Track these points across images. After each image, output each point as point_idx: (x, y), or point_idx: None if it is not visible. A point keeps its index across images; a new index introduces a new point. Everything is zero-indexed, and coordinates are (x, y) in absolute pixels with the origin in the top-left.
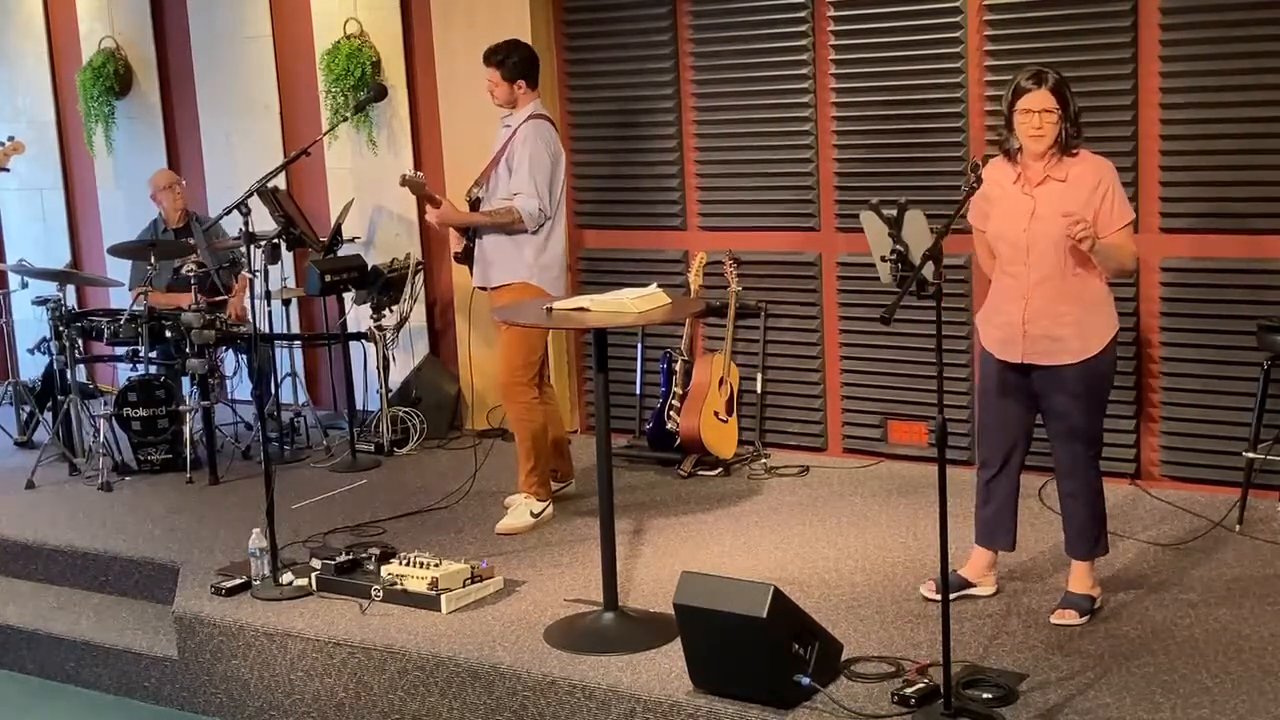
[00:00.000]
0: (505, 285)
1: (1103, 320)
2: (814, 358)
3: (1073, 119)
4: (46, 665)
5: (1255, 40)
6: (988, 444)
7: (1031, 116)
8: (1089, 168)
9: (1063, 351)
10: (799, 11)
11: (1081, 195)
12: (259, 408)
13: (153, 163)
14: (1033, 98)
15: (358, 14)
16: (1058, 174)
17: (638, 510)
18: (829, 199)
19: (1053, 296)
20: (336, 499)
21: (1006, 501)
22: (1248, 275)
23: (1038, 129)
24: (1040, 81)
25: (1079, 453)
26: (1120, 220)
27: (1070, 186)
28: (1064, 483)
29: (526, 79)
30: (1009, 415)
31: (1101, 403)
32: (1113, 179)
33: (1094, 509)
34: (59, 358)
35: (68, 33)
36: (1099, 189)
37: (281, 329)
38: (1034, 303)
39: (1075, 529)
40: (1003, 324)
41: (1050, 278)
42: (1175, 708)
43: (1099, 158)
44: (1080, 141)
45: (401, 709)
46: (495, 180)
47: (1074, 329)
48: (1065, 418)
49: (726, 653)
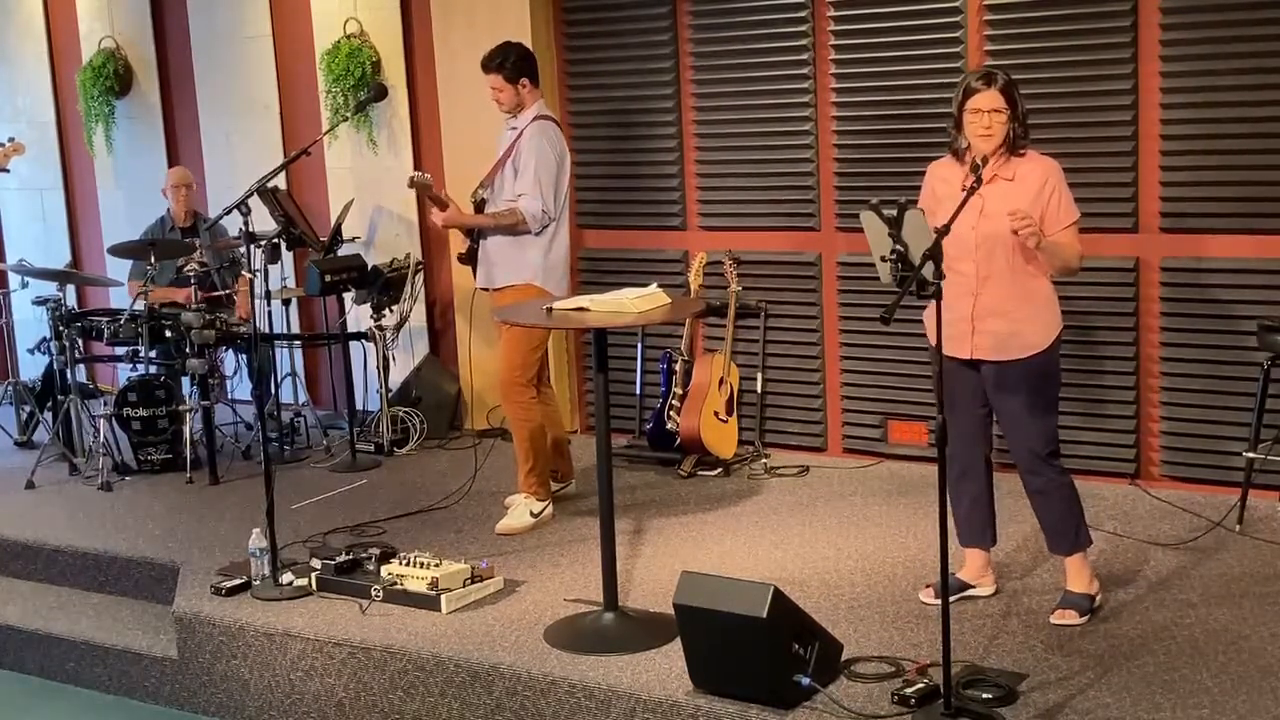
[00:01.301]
0: (509, 286)
1: (1047, 318)
2: (814, 358)
3: (1020, 119)
4: (46, 665)
5: (1255, 40)
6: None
7: (981, 116)
8: (1036, 167)
9: (1009, 347)
10: (799, 11)
11: (1028, 194)
12: (259, 408)
13: (153, 163)
14: (982, 98)
15: (358, 14)
16: (1005, 173)
17: (638, 510)
18: (829, 199)
19: (1000, 294)
20: (336, 499)
21: (978, 499)
22: (1248, 275)
23: (987, 129)
24: (990, 82)
25: (1035, 451)
26: (1066, 219)
27: (1017, 185)
28: (1029, 480)
29: (529, 77)
30: (965, 411)
31: (1050, 400)
32: (1059, 179)
33: (1065, 504)
34: (59, 358)
35: (68, 33)
36: (1046, 188)
37: (281, 329)
38: (982, 299)
39: (1050, 527)
40: (951, 320)
41: (998, 275)
42: (1175, 708)
43: (1046, 158)
44: (1027, 142)
45: (401, 709)
46: (500, 182)
47: (1020, 325)
48: (1016, 418)
49: (726, 653)
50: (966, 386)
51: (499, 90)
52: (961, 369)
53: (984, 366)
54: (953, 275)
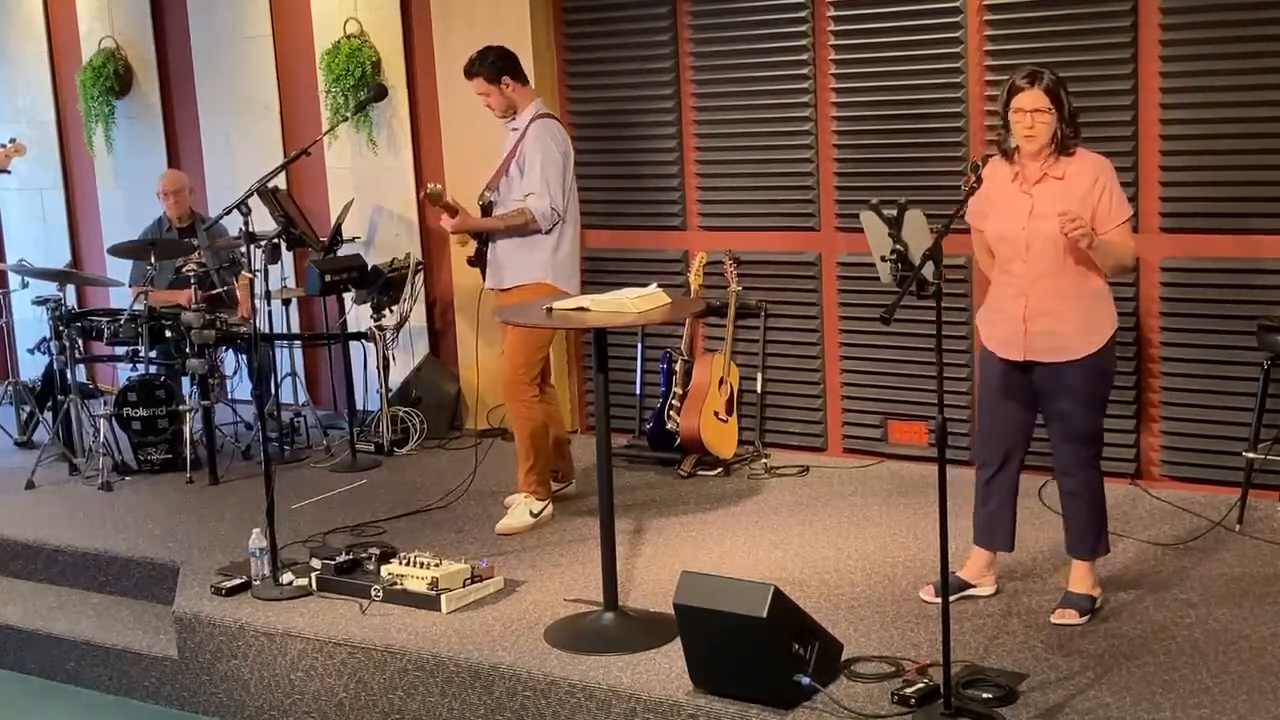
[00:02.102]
0: (520, 286)
1: (1102, 318)
2: (814, 358)
3: (1068, 119)
4: (46, 665)
5: (1255, 40)
6: (987, 443)
7: (1024, 116)
8: (1086, 166)
9: (1063, 349)
10: (799, 11)
11: (1078, 193)
12: (259, 408)
13: (153, 163)
14: (1025, 97)
15: (358, 14)
16: (1055, 172)
17: (638, 510)
18: (829, 199)
19: (1052, 294)
20: (336, 499)
21: (1005, 502)
22: (1248, 275)
23: (1029, 129)
24: (1034, 81)
25: (1079, 452)
26: (1118, 217)
27: (1068, 184)
28: (1064, 481)
29: (510, 74)
30: (1009, 415)
31: (1102, 401)
32: (1110, 176)
33: (1094, 509)
34: (59, 358)
35: (68, 33)
36: (1096, 186)
37: (281, 329)
38: (1034, 301)
39: (1076, 529)
40: (1003, 322)
41: (1049, 275)
42: (1175, 708)
43: (1097, 156)
44: (1077, 140)
45: (401, 709)
46: (507, 183)
47: (1074, 326)
48: (1066, 417)
49: (726, 653)
50: (1015, 388)
51: (485, 95)
52: (1011, 371)
53: (1036, 368)
54: (1004, 277)
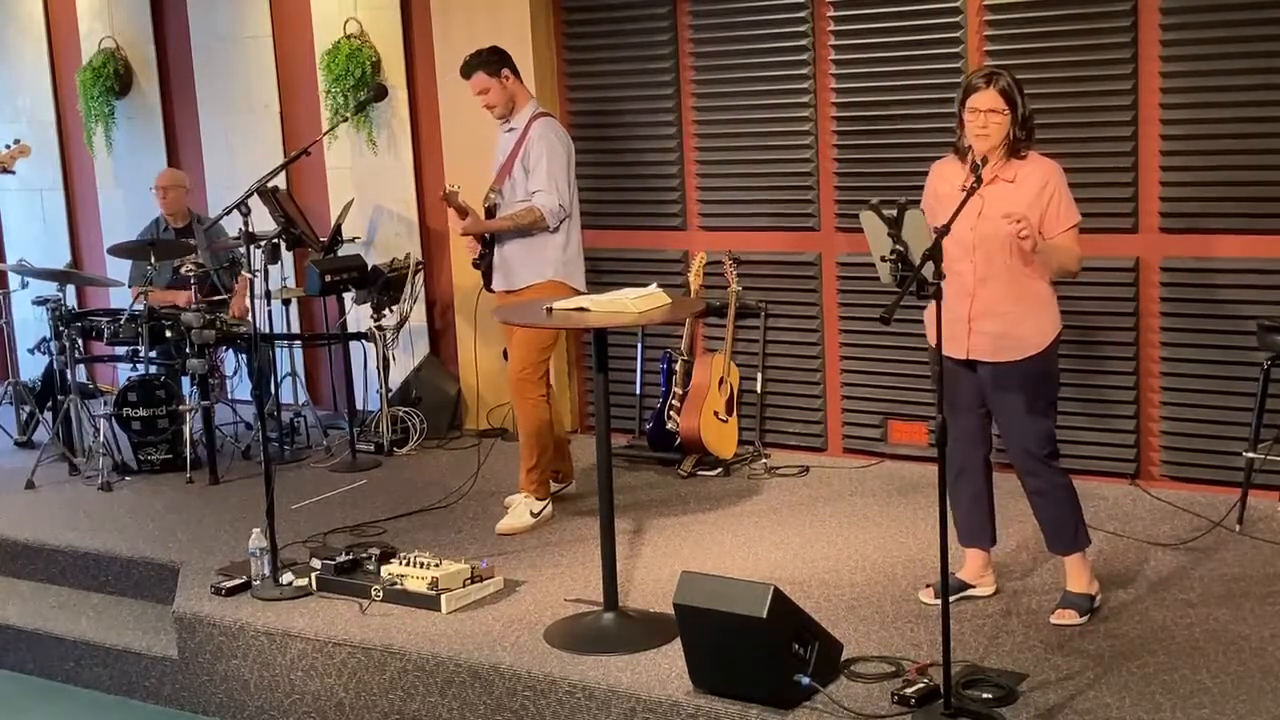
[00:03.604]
0: (532, 285)
1: (1045, 320)
2: (814, 358)
3: (1021, 121)
4: (46, 665)
5: (1255, 40)
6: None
7: (978, 116)
8: (1037, 169)
9: (1006, 349)
10: (799, 11)
11: (1028, 196)
12: (259, 408)
13: (153, 163)
14: (980, 97)
15: (358, 14)
16: (1006, 175)
17: (638, 510)
18: (829, 199)
19: (997, 295)
20: (336, 499)
21: (976, 499)
22: (1248, 275)
23: (983, 128)
24: (990, 81)
25: (1032, 452)
26: (1066, 222)
27: (1018, 187)
28: (1027, 482)
29: (509, 68)
30: (963, 411)
31: (1047, 402)
32: (1059, 181)
33: (1065, 504)
34: (59, 358)
35: (68, 33)
36: (1045, 190)
37: (281, 329)
38: (979, 300)
39: (1049, 526)
40: (949, 320)
41: (996, 276)
42: (1175, 708)
43: (1047, 160)
44: (1029, 144)
45: (401, 709)
46: (511, 184)
47: (1017, 327)
48: (1012, 418)
49: (726, 653)
50: (965, 387)
51: (485, 91)
52: (960, 369)
53: (981, 367)
54: (951, 275)
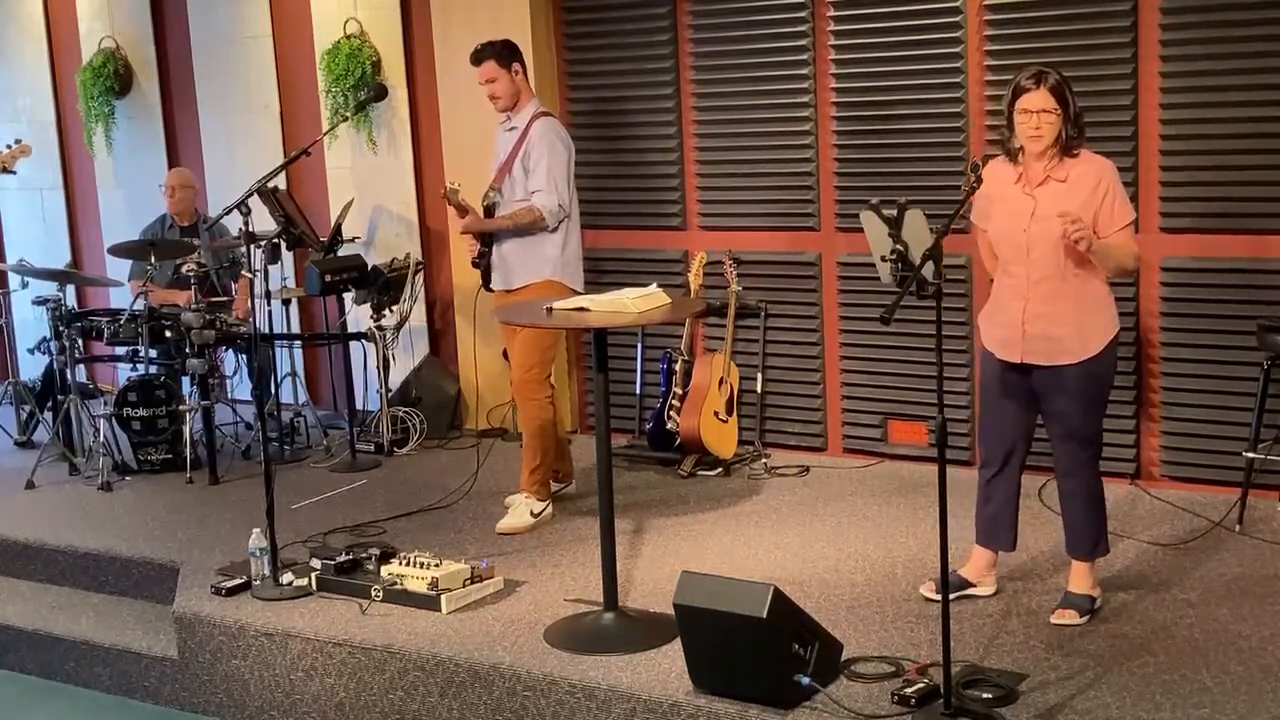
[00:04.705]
0: (530, 285)
1: (1102, 321)
2: (814, 358)
3: (1073, 120)
4: (46, 665)
5: (1255, 40)
6: (988, 443)
7: (1030, 117)
8: (1090, 168)
9: (1061, 352)
10: (799, 11)
11: (1081, 195)
12: (259, 408)
13: (153, 162)
14: (1031, 98)
15: (358, 14)
16: (1058, 174)
17: (638, 510)
18: (829, 199)
19: (1052, 297)
20: (336, 499)
21: (1007, 501)
22: (1248, 275)
23: (1036, 129)
24: (1040, 81)
25: (1077, 454)
26: (1120, 220)
27: (1071, 187)
28: (1064, 483)
29: (519, 62)
30: (1009, 415)
31: (1101, 404)
32: (1113, 179)
33: (1094, 510)
34: (59, 358)
35: (68, 33)
36: (1099, 189)
37: (281, 329)
38: (1034, 303)
39: (1075, 529)
40: (1003, 323)
41: (1050, 278)
42: (1175, 708)
43: (1100, 158)
44: (1081, 142)
45: (401, 709)
46: (510, 183)
47: (1073, 329)
48: (1064, 419)
49: (726, 653)
50: (1014, 390)
51: (493, 80)
52: (1011, 372)
53: (1035, 371)
54: (1005, 278)
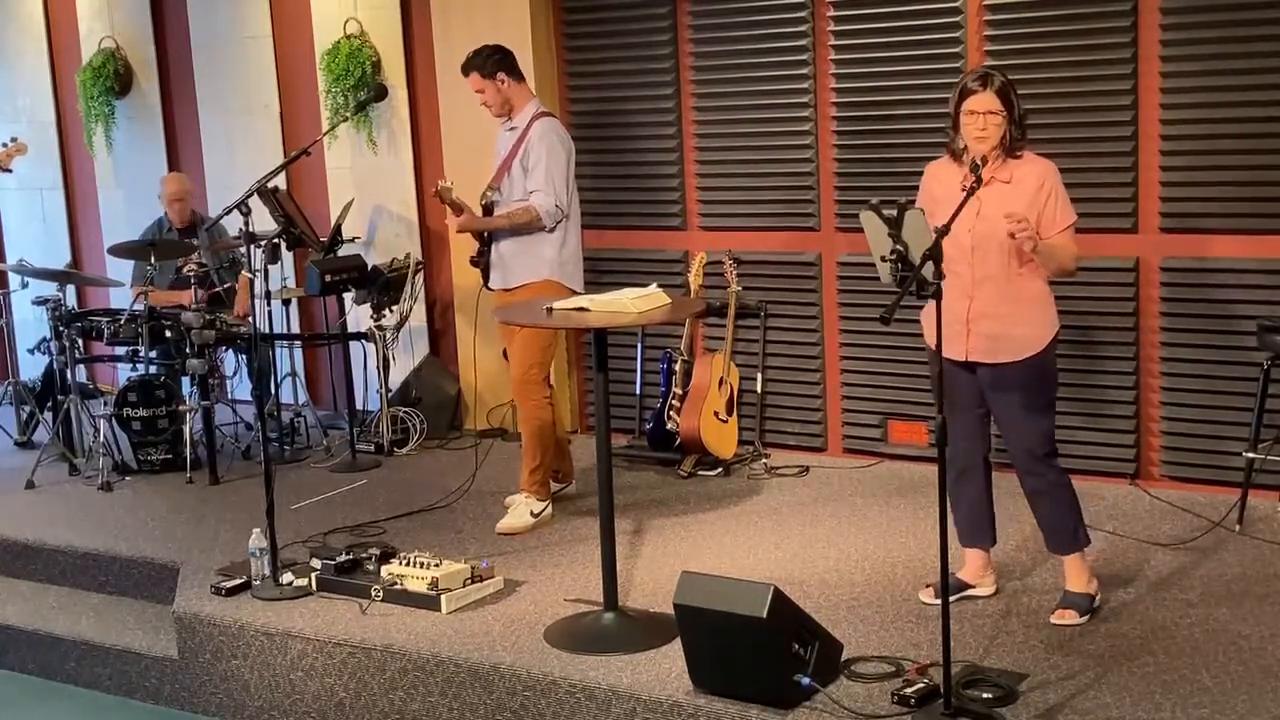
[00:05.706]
0: (527, 284)
1: (1044, 320)
2: (814, 358)
3: (1017, 121)
4: (46, 665)
5: (1255, 40)
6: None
7: (976, 118)
8: (1034, 169)
9: (1004, 350)
10: (799, 11)
11: (1025, 196)
12: (259, 408)
13: (153, 162)
14: (977, 99)
15: (358, 14)
16: (1002, 175)
17: (638, 510)
18: (829, 199)
19: (995, 296)
20: (336, 499)
21: (977, 499)
22: (1248, 275)
23: (982, 130)
24: (986, 83)
25: (1032, 452)
26: (1063, 222)
27: (1014, 188)
28: (1025, 483)
29: (505, 71)
30: (962, 412)
31: (1047, 401)
32: (1056, 181)
33: (1064, 504)
34: (59, 358)
35: (68, 33)
36: (1043, 190)
37: (281, 329)
38: (977, 302)
39: (1048, 526)
40: (947, 321)
41: (993, 277)
42: (1175, 708)
43: (1043, 160)
44: (1025, 143)
45: (401, 709)
46: (509, 182)
47: (1015, 328)
48: (1012, 418)
49: (726, 653)
50: (964, 387)
51: (480, 91)
52: (959, 370)
53: (980, 368)
54: (949, 277)
